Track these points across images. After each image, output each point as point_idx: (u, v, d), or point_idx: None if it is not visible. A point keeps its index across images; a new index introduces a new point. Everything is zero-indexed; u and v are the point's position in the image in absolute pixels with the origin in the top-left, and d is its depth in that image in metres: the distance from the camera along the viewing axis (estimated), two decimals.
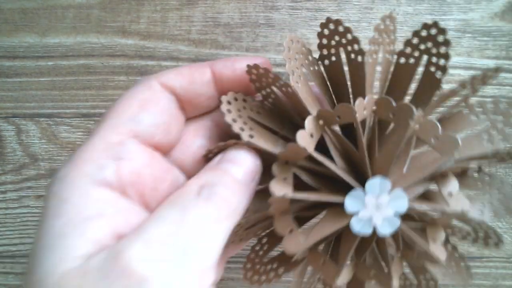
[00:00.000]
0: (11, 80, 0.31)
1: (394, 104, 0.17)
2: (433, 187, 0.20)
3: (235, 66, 0.21)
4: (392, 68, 0.20)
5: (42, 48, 0.31)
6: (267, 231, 0.22)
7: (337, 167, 0.18)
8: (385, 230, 0.18)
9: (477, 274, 0.32)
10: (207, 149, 0.20)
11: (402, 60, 0.20)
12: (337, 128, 0.20)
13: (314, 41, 0.21)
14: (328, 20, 0.19)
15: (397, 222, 0.18)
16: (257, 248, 0.22)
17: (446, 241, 0.21)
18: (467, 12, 0.32)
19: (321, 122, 0.18)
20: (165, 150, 0.20)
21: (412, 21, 0.32)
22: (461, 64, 0.32)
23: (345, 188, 0.18)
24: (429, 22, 0.19)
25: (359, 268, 0.20)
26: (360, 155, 0.18)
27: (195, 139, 0.21)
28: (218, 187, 0.18)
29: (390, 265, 0.19)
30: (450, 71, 0.32)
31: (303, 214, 0.20)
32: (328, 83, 0.21)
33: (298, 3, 0.31)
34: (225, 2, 0.31)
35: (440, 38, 0.19)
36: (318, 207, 0.20)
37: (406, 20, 0.32)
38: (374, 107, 0.18)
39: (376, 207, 0.18)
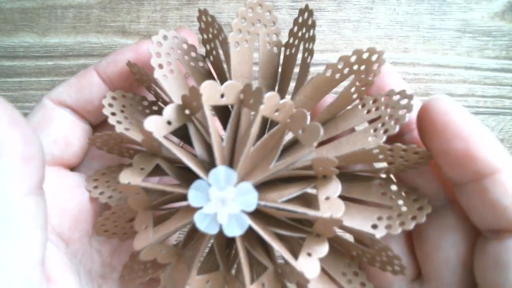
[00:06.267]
0: (11, 80, 0.31)
1: (252, 89, 0.16)
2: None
3: (117, 60, 0.20)
4: (281, 60, 0.20)
5: (42, 48, 0.31)
6: None
7: (182, 154, 0.16)
8: (232, 230, 0.16)
9: None
10: (94, 134, 0.19)
11: (288, 51, 0.20)
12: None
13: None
14: (200, 12, 0.19)
15: (246, 222, 0.16)
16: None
17: (346, 267, 0.19)
18: (467, 12, 0.32)
19: (187, 111, 0.17)
20: (72, 162, 0.21)
21: (412, 21, 0.32)
22: (461, 64, 0.32)
23: None
24: (302, 7, 0.18)
25: (229, 283, 0.18)
26: (210, 142, 0.16)
27: None
28: None
29: (254, 274, 0.17)
30: (451, 71, 0.32)
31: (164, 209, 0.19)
32: (217, 79, 0.20)
33: (298, 3, 0.31)
34: (225, 2, 0.31)
35: (310, 21, 0.18)
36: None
37: (406, 20, 0.32)
38: (242, 95, 0.16)
39: (222, 201, 0.16)
